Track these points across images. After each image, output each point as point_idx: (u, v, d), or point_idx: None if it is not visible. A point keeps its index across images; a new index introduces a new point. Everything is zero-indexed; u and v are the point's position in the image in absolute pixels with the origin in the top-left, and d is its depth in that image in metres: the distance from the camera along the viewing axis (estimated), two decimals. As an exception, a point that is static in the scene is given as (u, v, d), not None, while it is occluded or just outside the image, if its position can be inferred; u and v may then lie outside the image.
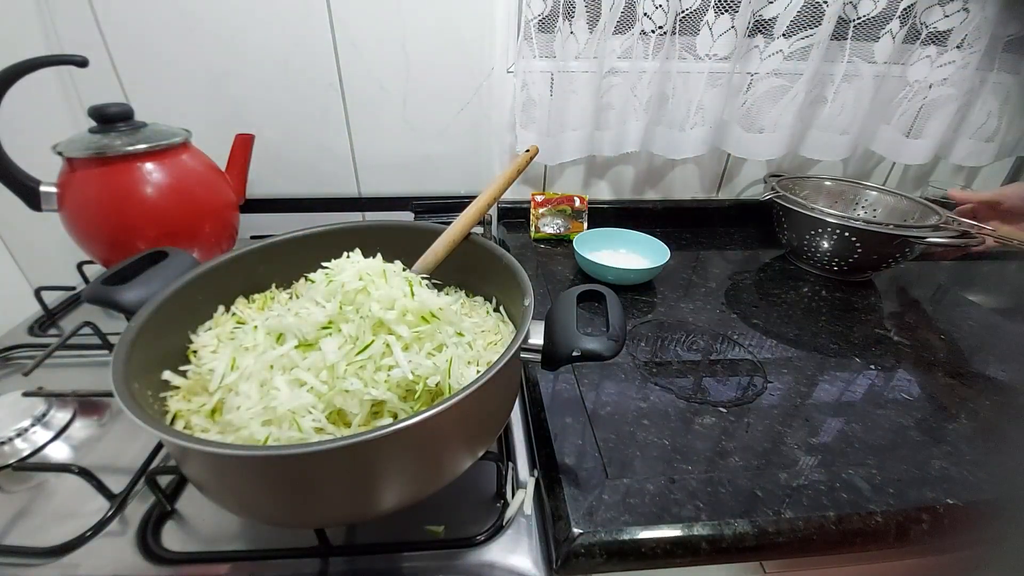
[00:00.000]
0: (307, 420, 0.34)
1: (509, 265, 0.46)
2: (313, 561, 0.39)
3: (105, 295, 0.39)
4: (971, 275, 0.88)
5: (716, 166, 0.97)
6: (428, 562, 0.39)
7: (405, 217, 0.88)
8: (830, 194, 0.91)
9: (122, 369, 0.33)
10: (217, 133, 0.73)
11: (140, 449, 0.47)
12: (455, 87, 0.82)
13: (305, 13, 0.74)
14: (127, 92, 0.76)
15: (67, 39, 0.72)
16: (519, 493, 0.44)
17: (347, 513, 0.35)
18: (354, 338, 0.38)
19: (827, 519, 0.40)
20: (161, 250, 0.45)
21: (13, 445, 0.47)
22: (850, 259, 0.76)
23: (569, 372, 0.55)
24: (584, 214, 0.89)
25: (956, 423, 0.51)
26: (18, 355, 0.60)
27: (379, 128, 0.84)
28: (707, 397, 0.53)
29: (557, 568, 0.38)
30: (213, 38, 0.74)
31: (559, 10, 0.74)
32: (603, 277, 0.74)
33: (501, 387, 0.39)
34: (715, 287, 0.77)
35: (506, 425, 0.51)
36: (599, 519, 0.39)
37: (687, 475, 0.44)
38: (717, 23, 0.77)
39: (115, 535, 0.40)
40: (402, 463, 0.32)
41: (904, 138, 0.91)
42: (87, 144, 0.59)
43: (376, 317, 0.38)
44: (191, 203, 0.65)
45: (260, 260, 0.49)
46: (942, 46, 0.84)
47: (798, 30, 0.78)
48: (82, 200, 0.60)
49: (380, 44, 0.77)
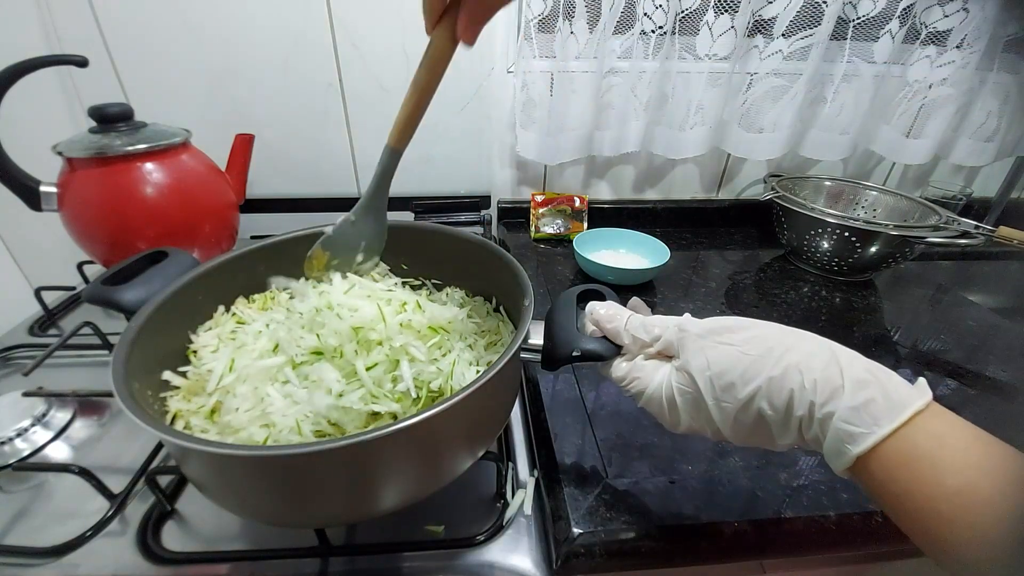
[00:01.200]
0: (306, 424, 0.34)
1: (509, 265, 0.46)
2: (313, 561, 0.39)
3: (105, 295, 0.39)
4: (971, 275, 0.88)
5: (716, 166, 0.97)
6: (428, 562, 0.39)
7: (405, 217, 0.87)
8: (830, 194, 0.91)
9: (122, 369, 0.33)
10: (217, 133, 0.73)
11: (140, 449, 0.47)
12: (455, 87, 0.82)
13: (305, 13, 0.74)
14: (127, 92, 0.76)
15: (67, 39, 0.72)
16: (519, 493, 0.44)
17: (347, 513, 0.35)
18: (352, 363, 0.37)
19: (827, 519, 0.40)
20: (161, 250, 0.45)
21: (13, 445, 0.47)
22: (850, 259, 0.76)
23: (569, 372, 0.55)
24: (584, 214, 0.89)
25: (956, 423, 0.51)
26: (18, 355, 0.60)
27: (379, 128, 0.82)
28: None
29: (557, 568, 0.38)
30: (213, 38, 0.74)
31: (559, 10, 0.74)
32: (603, 277, 0.74)
33: (501, 387, 0.39)
34: (715, 287, 0.77)
35: (506, 425, 0.51)
36: (599, 519, 0.39)
37: (687, 475, 0.44)
38: (717, 23, 0.77)
39: (115, 535, 0.40)
40: (402, 463, 0.32)
41: (904, 138, 0.91)
42: (87, 144, 0.59)
43: (381, 338, 0.38)
44: (191, 203, 0.65)
45: (260, 260, 0.49)
46: (942, 46, 0.84)
47: (798, 30, 0.78)
48: (82, 200, 0.60)
49: (380, 44, 0.77)
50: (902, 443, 0.25)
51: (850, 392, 0.26)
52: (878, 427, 0.25)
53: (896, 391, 0.26)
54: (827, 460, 0.28)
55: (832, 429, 0.26)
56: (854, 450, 0.25)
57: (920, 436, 0.24)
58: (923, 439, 0.24)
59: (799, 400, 0.27)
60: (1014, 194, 0.99)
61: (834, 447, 0.26)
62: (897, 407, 0.25)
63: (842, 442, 0.26)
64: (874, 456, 0.25)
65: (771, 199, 0.82)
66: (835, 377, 0.27)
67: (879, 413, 0.25)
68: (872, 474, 0.25)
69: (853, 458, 0.25)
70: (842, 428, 0.26)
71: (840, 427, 0.26)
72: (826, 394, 0.26)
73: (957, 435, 0.25)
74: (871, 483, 0.26)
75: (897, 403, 0.25)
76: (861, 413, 0.25)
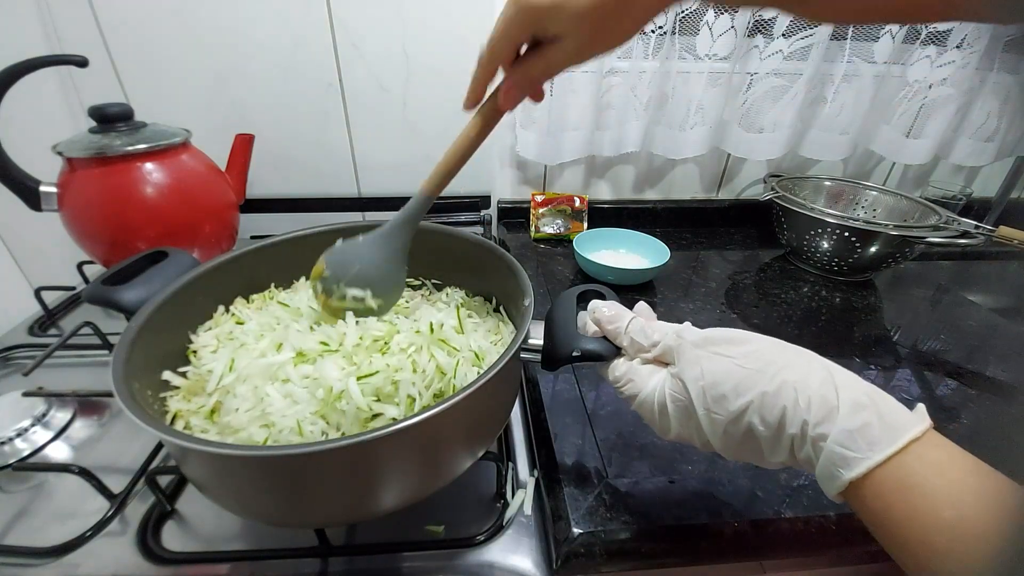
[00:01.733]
0: (307, 424, 0.34)
1: (509, 265, 0.46)
2: (313, 561, 0.39)
3: (105, 295, 0.39)
4: (971, 275, 0.88)
5: (716, 166, 0.97)
6: (428, 562, 0.39)
7: (405, 217, 0.88)
8: (830, 194, 0.91)
9: (122, 369, 0.33)
10: (217, 133, 0.73)
11: (140, 449, 0.47)
12: (455, 87, 0.81)
13: (305, 13, 0.74)
14: (127, 92, 0.76)
15: (67, 39, 0.72)
16: (519, 493, 0.44)
17: (347, 513, 0.35)
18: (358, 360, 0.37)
19: (827, 519, 0.40)
20: (161, 250, 0.45)
21: (13, 445, 0.47)
22: (850, 259, 0.76)
23: (569, 372, 0.55)
24: (584, 214, 0.89)
25: (956, 423, 0.51)
26: (18, 355, 0.60)
27: (379, 128, 0.84)
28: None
29: (557, 568, 0.38)
30: (213, 38, 0.74)
31: (559, 10, 0.74)
32: (603, 277, 0.74)
33: (501, 387, 0.39)
34: (715, 287, 0.77)
35: (506, 425, 0.51)
36: (599, 519, 0.39)
37: (687, 475, 0.44)
38: (717, 23, 0.77)
39: (115, 535, 0.40)
40: (402, 463, 0.32)
41: (904, 138, 0.91)
42: (87, 144, 0.59)
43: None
44: (191, 203, 0.65)
45: (260, 260, 0.49)
46: (942, 46, 0.84)
47: (798, 30, 0.78)
48: (82, 200, 0.60)
49: (380, 44, 0.77)
50: (897, 470, 0.24)
51: (846, 414, 0.25)
52: (873, 452, 0.24)
53: (893, 416, 0.25)
54: (819, 482, 0.27)
55: (825, 451, 0.26)
56: (847, 475, 0.25)
57: (916, 464, 0.24)
58: (919, 467, 0.24)
59: (792, 418, 0.27)
60: (1014, 194, 0.99)
61: (827, 470, 0.26)
62: (893, 433, 0.25)
63: (835, 466, 0.25)
64: (867, 482, 0.25)
65: (771, 199, 0.82)
66: (831, 398, 0.26)
67: (875, 438, 0.25)
68: (864, 500, 0.25)
69: (846, 483, 0.25)
70: (836, 451, 0.25)
71: (834, 450, 0.25)
72: (821, 414, 0.26)
73: (955, 465, 0.24)
74: (863, 508, 0.26)
75: (894, 428, 0.25)
76: (856, 437, 0.25)
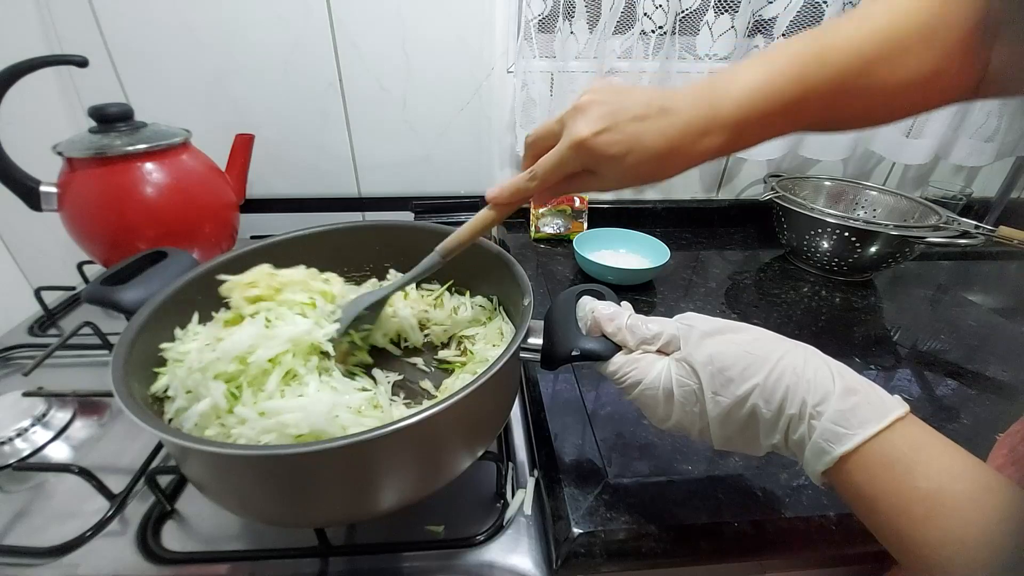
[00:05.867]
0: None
1: (509, 265, 0.46)
2: (313, 561, 0.39)
3: (105, 295, 0.39)
4: (971, 275, 0.88)
5: (716, 166, 0.97)
6: (428, 562, 0.39)
7: (405, 217, 0.87)
8: (830, 194, 0.90)
9: (122, 369, 0.33)
10: (217, 133, 0.73)
11: (140, 449, 0.47)
12: (455, 87, 0.82)
13: (305, 13, 0.74)
14: (127, 92, 0.76)
15: (67, 39, 0.72)
16: (519, 493, 0.44)
17: (347, 513, 0.35)
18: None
19: (827, 519, 0.40)
20: (161, 250, 0.45)
21: (13, 445, 0.47)
22: (850, 259, 0.76)
23: (569, 372, 0.55)
24: (584, 214, 0.89)
25: (956, 423, 0.51)
26: (18, 355, 0.60)
27: (379, 128, 0.84)
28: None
29: (557, 568, 0.38)
30: (213, 38, 0.74)
31: (559, 10, 0.74)
32: (603, 277, 0.74)
33: (500, 387, 0.39)
34: (715, 287, 0.77)
35: (506, 425, 0.51)
36: (599, 519, 0.39)
37: (687, 475, 0.44)
38: (717, 23, 0.77)
39: (115, 535, 0.40)
40: (402, 463, 0.32)
41: (904, 138, 0.91)
42: (87, 144, 0.59)
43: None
44: (191, 203, 0.65)
45: (260, 260, 0.48)
46: (942, 46, 0.84)
47: (798, 30, 0.78)
48: (82, 200, 0.60)
49: (380, 44, 0.77)
50: (883, 446, 0.27)
51: (839, 396, 0.28)
52: (863, 429, 0.27)
53: (879, 400, 0.28)
54: (807, 461, 0.29)
55: (819, 429, 0.28)
56: (839, 449, 0.27)
57: (899, 440, 0.27)
58: (901, 443, 0.27)
59: (792, 398, 0.29)
60: (1014, 194, 0.99)
61: (818, 447, 0.28)
62: (881, 412, 0.27)
63: (828, 442, 0.28)
64: (855, 457, 0.27)
65: (771, 199, 0.82)
66: (827, 382, 0.29)
67: (864, 417, 0.27)
68: (850, 475, 0.28)
69: (836, 457, 0.27)
70: (829, 428, 0.27)
71: (827, 427, 0.28)
72: (818, 396, 0.28)
73: (932, 443, 0.27)
74: (847, 485, 0.28)
75: (881, 409, 0.27)
76: (848, 416, 0.27)
